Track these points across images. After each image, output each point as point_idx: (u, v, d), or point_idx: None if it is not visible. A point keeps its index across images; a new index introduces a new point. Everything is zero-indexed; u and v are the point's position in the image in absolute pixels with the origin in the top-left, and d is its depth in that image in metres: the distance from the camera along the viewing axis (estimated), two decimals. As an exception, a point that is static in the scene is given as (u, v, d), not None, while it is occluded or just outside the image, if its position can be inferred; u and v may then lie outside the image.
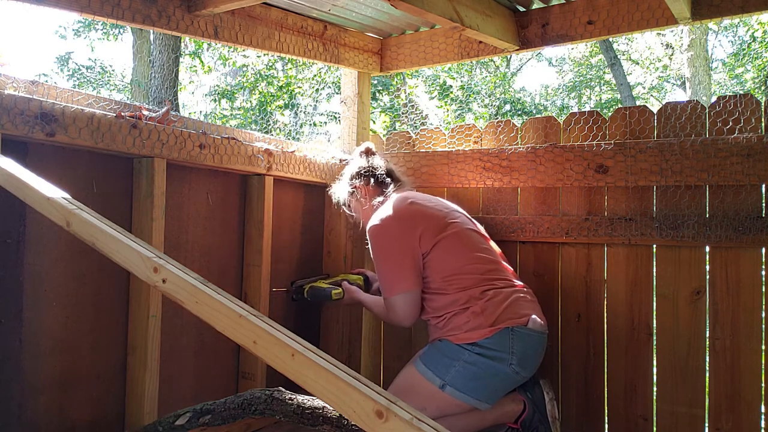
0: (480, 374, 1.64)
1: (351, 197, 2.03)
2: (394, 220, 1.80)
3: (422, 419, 0.79)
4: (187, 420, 1.35)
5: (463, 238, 1.81)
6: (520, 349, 1.67)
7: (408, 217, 1.81)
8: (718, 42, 14.01)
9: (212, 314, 0.98)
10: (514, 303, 1.72)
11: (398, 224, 1.80)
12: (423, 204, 1.86)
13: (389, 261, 1.79)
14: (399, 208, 1.83)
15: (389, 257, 1.79)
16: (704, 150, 1.77)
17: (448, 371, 1.65)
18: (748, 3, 1.83)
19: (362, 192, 2.00)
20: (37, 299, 1.51)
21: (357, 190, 2.01)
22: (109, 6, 1.67)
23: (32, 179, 1.20)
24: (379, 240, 1.81)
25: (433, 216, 1.82)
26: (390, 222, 1.80)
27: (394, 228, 1.80)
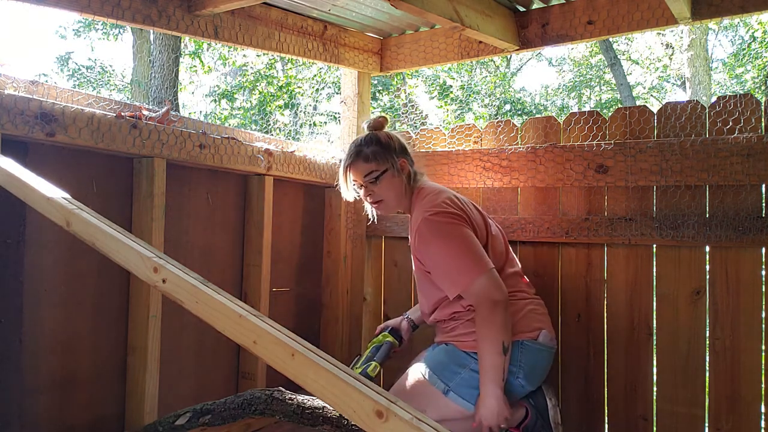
0: None
1: (391, 172, 1.75)
2: (457, 209, 1.67)
3: (422, 419, 0.79)
4: (187, 420, 1.36)
5: (494, 247, 1.75)
6: (528, 363, 1.65)
7: (464, 211, 1.69)
8: (718, 42, 14.01)
9: (212, 314, 0.98)
10: (527, 316, 1.70)
11: (461, 214, 1.67)
12: (465, 202, 1.77)
13: (463, 245, 1.61)
14: (454, 200, 1.71)
15: (463, 242, 1.61)
16: (704, 150, 1.77)
17: (453, 378, 1.64)
18: (748, 3, 1.83)
19: (405, 170, 1.77)
20: (37, 299, 1.51)
21: (402, 166, 1.77)
22: (109, 6, 1.67)
23: (32, 179, 1.20)
24: (447, 227, 1.63)
25: (476, 218, 1.74)
26: (453, 210, 1.66)
27: (459, 216, 1.65)
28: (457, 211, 1.67)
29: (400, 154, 1.77)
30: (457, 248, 1.61)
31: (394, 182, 1.75)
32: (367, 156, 1.75)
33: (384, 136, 1.78)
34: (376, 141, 1.76)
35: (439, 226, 1.63)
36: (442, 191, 1.74)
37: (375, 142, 1.76)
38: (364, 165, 1.75)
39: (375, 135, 1.78)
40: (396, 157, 1.76)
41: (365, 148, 1.76)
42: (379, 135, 1.78)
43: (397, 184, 1.75)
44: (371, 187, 1.76)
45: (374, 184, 1.75)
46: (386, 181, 1.75)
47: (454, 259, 1.61)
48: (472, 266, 1.59)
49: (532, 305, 1.74)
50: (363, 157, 1.75)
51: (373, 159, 1.74)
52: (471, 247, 1.61)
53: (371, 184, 1.75)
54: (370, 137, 1.78)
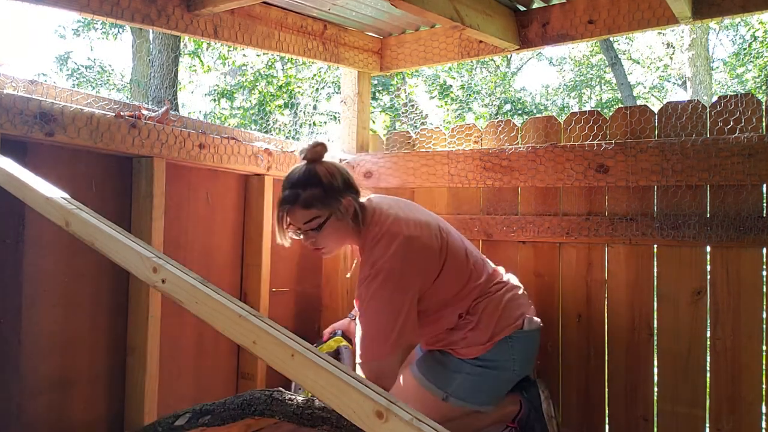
0: (483, 384, 1.63)
1: (335, 217, 1.55)
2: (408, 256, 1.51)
3: (422, 420, 0.79)
4: (187, 420, 1.35)
5: (457, 258, 1.64)
6: (521, 352, 1.66)
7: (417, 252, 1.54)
8: (719, 41, 14.01)
9: (212, 314, 0.97)
10: (507, 307, 1.67)
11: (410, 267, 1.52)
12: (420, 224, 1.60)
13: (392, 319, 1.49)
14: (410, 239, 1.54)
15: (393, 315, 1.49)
16: (705, 150, 1.76)
17: (451, 383, 1.62)
18: (749, 2, 1.83)
19: (351, 211, 1.57)
20: (36, 299, 1.51)
21: (347, 207, 1.57)
22: (109, 5, 1.67)
23: (31, 179, 1.19)
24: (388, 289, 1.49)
25: (431, 246, 1.59)
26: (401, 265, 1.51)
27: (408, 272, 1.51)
28: (406, 265, 1.51)
29: (345, 191, 1.57)
30: (386, 319, 1.49)
31: (339, 226, 1.57)
32: (307, 202, 1.53)
33: (325, 174, 1.55)
34: (316, 182, 1.54)
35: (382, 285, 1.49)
36: (396, 231, 1.55)
37: (315, 184, 1.54)
38: (304, 212, 1.54)
39: (315, 173, 1.55)
40: (340, 199, 1.55)
41: (303, 192, 1.53)
42: (320, 173, 1.55)
43: (341, 229, 1.57)
44: (311, 236, 1.57)
45: (315, 233, 1.56)
46: (330, 228, 1.56)
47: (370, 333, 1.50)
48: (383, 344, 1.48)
49: (508, 294, 1.70)
50: (302, 203, 1.53)
51: (313, 205, 1.53)
52: (395, 325, 1.49)
53: (311, 234, 1.57)
54: (309, 177, 1.55)
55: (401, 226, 1.57)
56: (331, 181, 1.56)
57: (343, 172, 1.61)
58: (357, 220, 1.58)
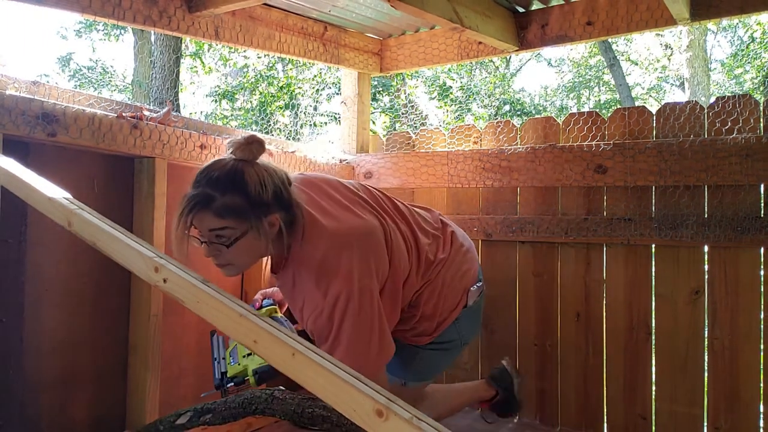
0: (435, 362, 1.61)
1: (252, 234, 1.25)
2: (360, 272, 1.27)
3: (422, 418, 0.80)
4: (188, 419, 1.36)
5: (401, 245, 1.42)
6: (467, 327, 1.58)
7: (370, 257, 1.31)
8: (717, 43, 14.01)
9: (213, 313, 0.98)
10: (449, 290, 1.49)
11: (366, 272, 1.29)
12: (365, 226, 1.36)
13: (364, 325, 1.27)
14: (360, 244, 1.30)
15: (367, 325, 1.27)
16: (703, 150, 1.77)
17: (406, 370, 1.56)
18: (746, 3, 1.84)
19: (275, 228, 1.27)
20: (39, 298, 1.51)
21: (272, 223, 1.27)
22: (110, 7, 1.68)
23: (34, 179, 1.20)
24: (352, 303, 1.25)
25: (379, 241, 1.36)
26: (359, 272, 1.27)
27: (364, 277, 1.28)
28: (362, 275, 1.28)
29: (273, 207, 1.26)
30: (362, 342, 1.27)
31: (255, 245, 1.27)
32: (223, 210, 1.22)
33: (255, 182, 1.24)
34: (240, 189, 1.23)
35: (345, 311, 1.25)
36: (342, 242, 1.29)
37: (239, 191, 1.23)
38: (214, 219, 1.23)
39: (242, 178, 1.24)
40: (264, 216, 1.25)
41: (221, 196, 1.22)
42: (248, 179, 1.24)
43: (257, 248, 1.28)
44: (217, 248, 1.27)
45: (223, 246, 1.26)
46: (243, 245, 1.26)
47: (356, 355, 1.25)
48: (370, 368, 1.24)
49: (449, 272, 1.49)
50: (214, 210, 1.22)
51: (228, 215, 1.23)
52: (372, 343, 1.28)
53: (218, 245, 1.26)
54: (233, 179, 1.23)
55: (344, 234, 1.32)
56: (260, 193, 1.24)
57: (277, 181, 1.29)
58: (281, 238, 1.30)
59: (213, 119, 10.91)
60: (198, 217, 1.24)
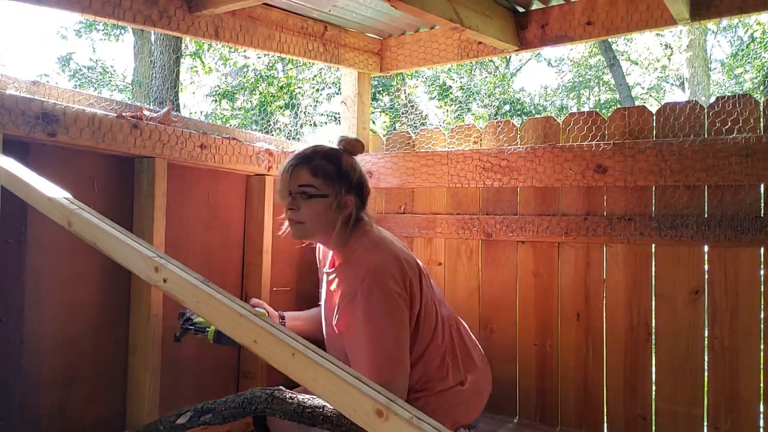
0: None
1: (329, 201, 1.50)
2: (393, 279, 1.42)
3: (422, 418, 0.80)
4: (188, 419, 1.36)
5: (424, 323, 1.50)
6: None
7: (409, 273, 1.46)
8: (717, 42, 14.02)
9: (213, 313, 0.98)
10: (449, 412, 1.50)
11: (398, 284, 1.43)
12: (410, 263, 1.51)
13: (384, 334, 1.39)
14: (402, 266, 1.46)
15: (386, 327, 1.40)
16: (703, 150, 1.77)
17: None
18: (746, 3, 1.84)
19: (346, 210, 1.52)
20: (39, 298, 1.51)
21: (346, 203, 1.52)
22: (110, 6, 1.68)
23: (34, 179, 1.20)
24: (377, 301, 1.40)
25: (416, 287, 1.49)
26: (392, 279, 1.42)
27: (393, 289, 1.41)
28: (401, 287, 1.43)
29: (352, 191, 1.52)
30: (385, 335, 1.40)
31: (327, 214, 1.50)
32: (317, 169, 1.50)
33: (347, 163, 1.54)
34: (335, 160, 1.52)
35: (379, 300, 1.40)
36: (387, 253, 1.47)
37: (333, 161, 1.52)
38: (307, 175, 1.50)
39: (339, 155, 1.55)
40: (344, 191, 1.51)
41: (321, 161, 1.50)
42: (343, 158, 1.54)
43: (328, 218, 1.51)
44: (299, 203, 1.50)
45: (303, 200, 1.50)
46: (317, 206, 1.49)
47: (376, 347, 1.39)
48: (390, 363, 1.39)
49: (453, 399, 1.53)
50: (311, 167, 1.50)
51: (319, 175, 1.49)
52: (402, 341, 1.41)
53: (300, 199, 1.50)
54: (332, 153, 1.54)
55: (394, 251, 1.50)
56: (349, 171, 1.53)
57: (364, 177, 1.58)
58: (347, 222, 1.52)
59: (213, 119, 10.91)
60: (296, 169, 1.51)
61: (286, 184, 1.53)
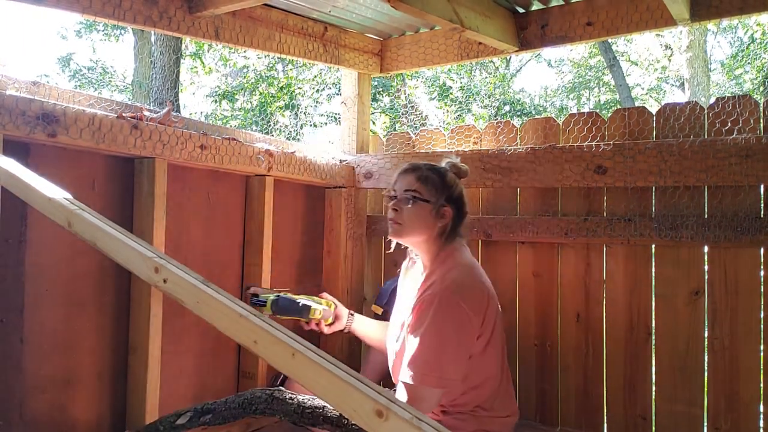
0: None
1: (431, 207, 1.64)
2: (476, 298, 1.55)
3: (422, 419, 0.80)
4: (188, 419, 1.36)
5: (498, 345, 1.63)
6: None
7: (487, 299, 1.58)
8: (717, 43, 14.02)
9: (213, 314, 0.98)
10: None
11: (477, 306, 1.54)
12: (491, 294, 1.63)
13: (443, 345, 1.48)
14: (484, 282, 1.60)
15: (448, 339, 1.49)
16: (703, 151, 1.77)
17: None
18: (746, 4, 1.84)
19: (444, 220, 1.66)
20: (39, 299, 1.51)
21: (444, 212, 1.65)
22: (111, 7, 1.68)
23: (34, 180, 1.20)
24: (448, 311, 1.49)
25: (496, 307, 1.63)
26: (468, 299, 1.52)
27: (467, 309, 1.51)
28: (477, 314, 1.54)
29: (451, 204, 1.66)
30: (444, 346, 1.48)
31: (426, 219, 1.64)
32: (424, 178, 1.66)
33: (451, 178, 1.69)
34: (441, 175, 1.68)
35: (450, 312, 1.50)
36: (476, 279, 1.60)
37: (440, 175, 1.68)
38: (414, 182, 1.66)
39: (444, 171, 1.70)
40: (446, 201, 1.65)
41: (427, 172, 1.67)
42: (448, 175, 1.69)
43: (426, 224, 1.64)
44: (402, 204, 1.65)
45: (407, 203, 1.64)
46: (419, 210, 1.63)
47: (433, 353, 1.48)
48: (439, 373, 1.47)
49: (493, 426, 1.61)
50: (418, 176, 1.66)
51: (424, 182, 1.65)
52: (453, 355, 1.49)
53: (404, 202, 1.64)
54: (439, 169, 1.70)
55: (479, 276, 1.64)
56: (451, 185, 1.68)
57: (464, 197, 1.72)
58: (443, 232, 1.66)
59: (213, 119, 10.92)
60: (404, 176, 1.69)
61: (394, 186, 1.71)
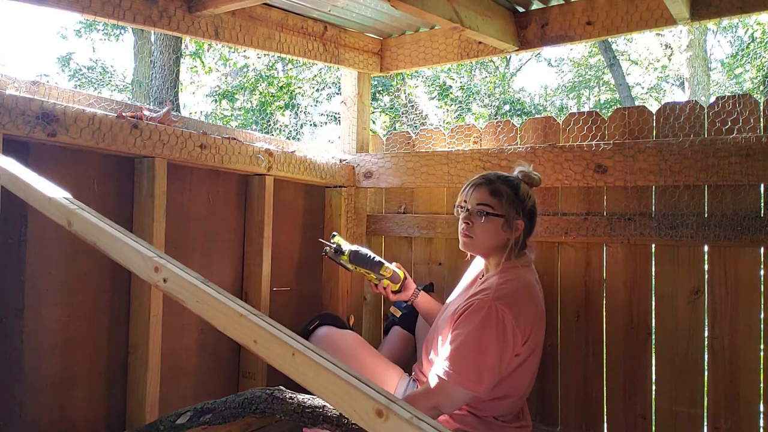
0: None
1: (504, 222, 1.65)
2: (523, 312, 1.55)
3: (422, 418, 0.79)
4: (188, 419, 1.36)
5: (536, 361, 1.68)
6: None
7: (534, 314, 1.61)
8: (717, 42, 14.02)
9: (213, 313, 0.98)
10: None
11: (524, 319, 1.55)
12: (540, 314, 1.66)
13: (488, 354, 1.50)
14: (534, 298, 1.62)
15: (490, 348, 1.50)
16: (703, 150, 1.77)
17: None
18: (746, 3, 1.84)
19: (518, 233, 1.67)
20: (39, 298, 1.51)
21: (516, 226, 1.67)
22: (110, 7, 1.68)
23: (34, 179, 1.20)
24: (494, 321, 1.50)
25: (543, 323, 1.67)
26: (517, 316, 1.53)
27: (514, 325, 1.52)
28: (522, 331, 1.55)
29: (524, 217, 1.67)
30: (485, 352, 1.50)
31: (498, 233, 1.65)
32: (497, 191, 1.66)
33: (525, 191, 1.70)
34: (514, 187, 1.68)
35: (491, 319, 1.50)
36: (532, 299, 1.62)
37: (513, 187, 1.68)
38: (486, 195, 1.66)
39: (518, 183, 1.70)
40: (519, 215, 1.66)
41: (501, 185, 1.67)
42: (522, 187, 1.70)
43: (498, 237, 1.65)
44: (474, 219, 1.66)
45: (480, 218, 1.65)
46: (491, 225, 1.64)
47: (472, 356, 1.50)
48: (474, 376, 1.49)
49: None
50: (492, 190, 1.66)
51: (497, 197, 1.65)
52: (490, 363, 1.51)
53: (477, 216, 1.65)
54: (512, 181, 1.70)
55: (539, 300, 1.67)
56: (524, 198, 1.69)
57: (536, 208, 1.73)
58: (514, 245, 1.67)
59: (213, 119, 10.91)
60: (477, 189, 1.69)
61: (466, 198, 1.71)
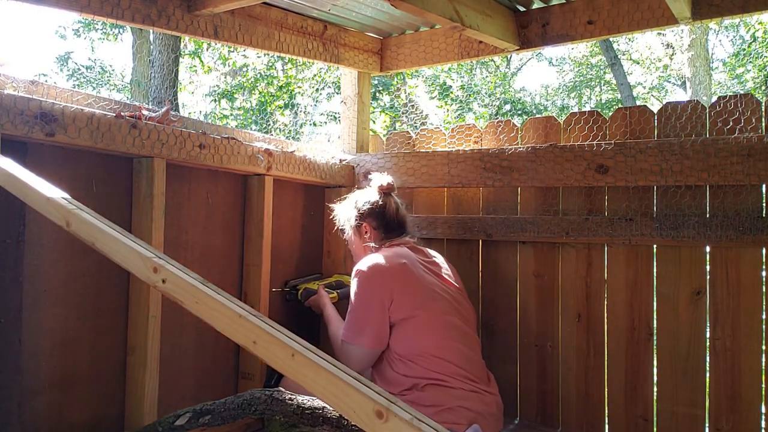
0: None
1: (354, 230, 1.97)
2: (377, 274, 1.76)
3: (422, 419, 0.79)
4: (187, 420, 1.35)
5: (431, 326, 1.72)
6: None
7: (390, 278, 1.75)
8: (719, 42, 14.00)
9: (212, 314, 0.98)
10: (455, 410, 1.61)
11: (380, 279, 1.75)
12: (413, 271, 1.77)
13: (360, 310, 1.76)
14: (388, 265, 1.77)
15: (361, 306, 1.76)
16: (704, 150, 1.76)
17: None
18: (748, 3, 1.83)
19: (368, 232, 1.94)
20: (37, 299, 1.51)
21: (363, 228, 1.94)
22: (109, 6, 1.67)
23: (32, 179, 1.19)
24: (359, 286, 1.77)
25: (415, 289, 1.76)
26: (373, 274, 1.76)
27: (376, 281, 1.75)
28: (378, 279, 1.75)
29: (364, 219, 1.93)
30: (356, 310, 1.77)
31: (357, 240, 1.98)
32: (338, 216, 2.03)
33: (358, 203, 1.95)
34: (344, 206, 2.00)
35: (357, 284, 1.78)
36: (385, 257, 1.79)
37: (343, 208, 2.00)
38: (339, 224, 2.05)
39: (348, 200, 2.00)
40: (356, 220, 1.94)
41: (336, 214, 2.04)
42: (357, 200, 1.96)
43: (358, 242, 1.97)
44: (344, 237, 2.05)
45: (345, 235, 2.02)
46: (353, 238, 1.99)
47: (351, 317, 1.79)
48: (356, 329, 1.75)
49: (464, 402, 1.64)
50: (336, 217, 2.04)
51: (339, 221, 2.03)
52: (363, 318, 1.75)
53: (344, 235, 2.04)
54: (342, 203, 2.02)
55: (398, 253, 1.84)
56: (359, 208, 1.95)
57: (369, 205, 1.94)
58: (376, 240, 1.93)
59: (212, 119, 10.91)
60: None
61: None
